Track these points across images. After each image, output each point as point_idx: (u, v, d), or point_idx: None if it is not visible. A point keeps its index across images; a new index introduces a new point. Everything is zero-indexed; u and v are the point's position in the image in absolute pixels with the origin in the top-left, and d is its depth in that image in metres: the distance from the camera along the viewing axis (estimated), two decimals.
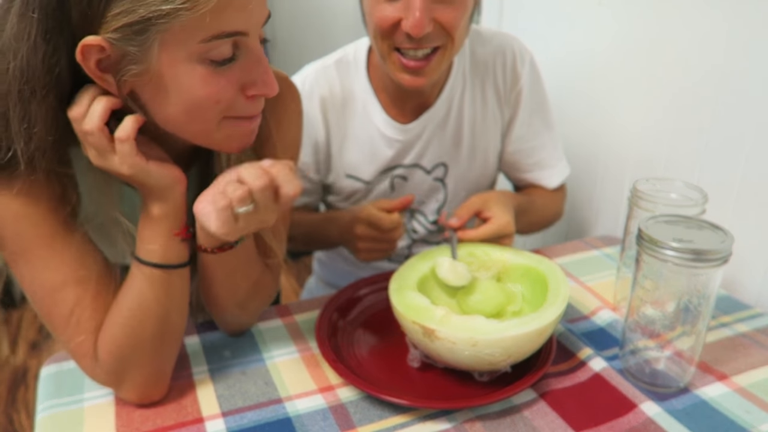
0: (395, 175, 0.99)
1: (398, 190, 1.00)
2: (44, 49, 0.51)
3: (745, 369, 0.73)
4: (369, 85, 0.95)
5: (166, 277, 0.62)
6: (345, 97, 0.95)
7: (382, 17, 0.78)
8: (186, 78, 0.53)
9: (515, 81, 0.98)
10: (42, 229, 0.59)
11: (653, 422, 0.64)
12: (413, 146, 0.97)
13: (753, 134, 0.90)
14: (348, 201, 1.02)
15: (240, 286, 0.71)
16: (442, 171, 1.01)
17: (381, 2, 0.78)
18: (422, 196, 1.02)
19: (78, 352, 0.62)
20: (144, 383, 0.64)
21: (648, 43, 1.07)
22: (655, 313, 0.68)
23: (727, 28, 0.92)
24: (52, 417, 0.65)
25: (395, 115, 0.95)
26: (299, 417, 0.65)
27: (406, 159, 0.98)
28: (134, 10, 0.49)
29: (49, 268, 0.60)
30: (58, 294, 0.60)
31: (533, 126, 1.01)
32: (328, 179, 1.01)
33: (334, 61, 0.96)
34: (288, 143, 0.75)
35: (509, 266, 0.80)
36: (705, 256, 0.61)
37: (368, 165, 0.98)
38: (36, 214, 0.59)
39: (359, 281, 0.88)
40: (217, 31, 0.51)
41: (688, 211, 0.73)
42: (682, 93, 1.01)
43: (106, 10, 0.50)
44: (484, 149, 1.01)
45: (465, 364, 0.66)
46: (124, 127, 0.55)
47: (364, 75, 0.95)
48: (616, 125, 1.18)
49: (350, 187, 0.99)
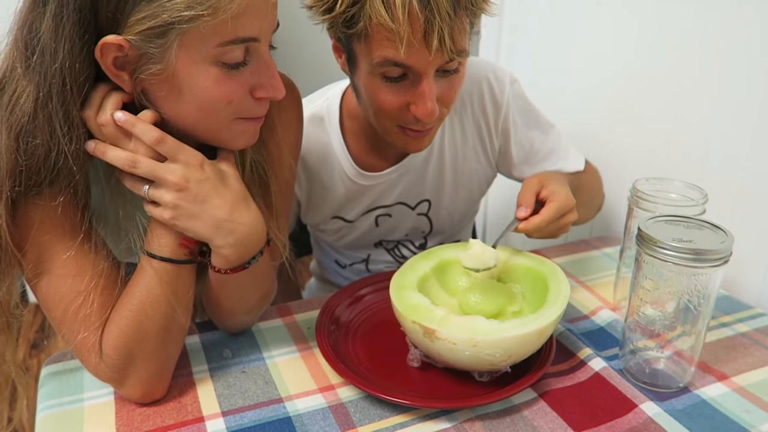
0: (379, 214, 0.99)
1: (382, 225, 1.00)
2: (81, 49, 0.53)
3: (745, 369, 0.73)
4: (342, 140, 0.92)
5: (175, 272, 0.63)
6: (321, 153, 0.93)
7: (388, 101, 0.76)
8: (200, 78, 0.56)
9: (498, 112, 0.95)
10: (64, 238, 0.61)
11: (653, 422, 0.64)
12: (395, 188, 0.96)
13: (753, 134, 0.90)
14: (335, 235, 1.02)
15: (251, 298, 0.72)
16: (426, 206, 1.00)
17: (384, 86, 0.75)
18: (407, 229, 1.02)
19: (82, 348, 0.63)
20: (147, 380, 0.64)
21: (647, 42, 1.07)
22: (655, 313, 0.68)
23: (727, 27, 0.92)
24: (52, 417, 0.65)
25: (373, 164, 0.94)
26: (299, 416, 0.65)
27: (388, 200, 0.97)
28: (158, 15, 0.52)
29: (65, 275, 0.61)
30: (68, 294, 0.61)
31: (531, 138, 0.99)
32: (311, 223, 1.01)
33: (308, 116, 0.92)
34: (289, 139, 0.77)
35: (509, 266, 0.80)
36: (705, 256, 0.61)
37: (351, 208, 0.97)
38: (61, 223, 0.61)
39: (359, 281, 0.88)
40: (233, 36, 0.55)
41: (688, 211, 0.73)
42: (682, 93, 1.01)
43: (131, 13, 0.52)
44: (468, 182, 1.00)
45: (465, 364, 0.66)
46: (143, 112, 0.58)
47: (338, 130, 0.92)
48: (615, 125, 1.18)
49: (336, 226, 1.00)
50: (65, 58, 0.53)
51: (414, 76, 0.73)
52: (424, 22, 0.67)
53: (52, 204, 0.59)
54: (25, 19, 0.54)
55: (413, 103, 0.75)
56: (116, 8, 0.52)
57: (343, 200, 0.96)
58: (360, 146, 0.93)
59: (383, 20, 0.67)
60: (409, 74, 0.73)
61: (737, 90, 0.92)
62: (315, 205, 0.97)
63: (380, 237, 1.03)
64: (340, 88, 0.94)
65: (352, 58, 0.77)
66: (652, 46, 1.06)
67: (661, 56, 1.05)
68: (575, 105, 1.27)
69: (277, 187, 0.72)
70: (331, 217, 0.99)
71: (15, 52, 0.55)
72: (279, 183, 0.74)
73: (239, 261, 0.64)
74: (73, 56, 0.53)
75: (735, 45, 0.91)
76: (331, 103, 0.93)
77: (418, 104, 0.75)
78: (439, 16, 0.67)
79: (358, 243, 1.03)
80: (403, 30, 0.67)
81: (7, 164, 0.56)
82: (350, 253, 1.07)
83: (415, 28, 0.68)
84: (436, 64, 0.72)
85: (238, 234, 0.62)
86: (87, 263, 0.62)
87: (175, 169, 0.59)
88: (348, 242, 1.03)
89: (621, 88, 1.15)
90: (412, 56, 0.70)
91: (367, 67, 0.74)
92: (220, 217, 0.60)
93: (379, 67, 0.73)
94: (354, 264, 1.07)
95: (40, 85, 0.54)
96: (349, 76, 0.83)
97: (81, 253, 0.61)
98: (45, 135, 0.55)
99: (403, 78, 0.74)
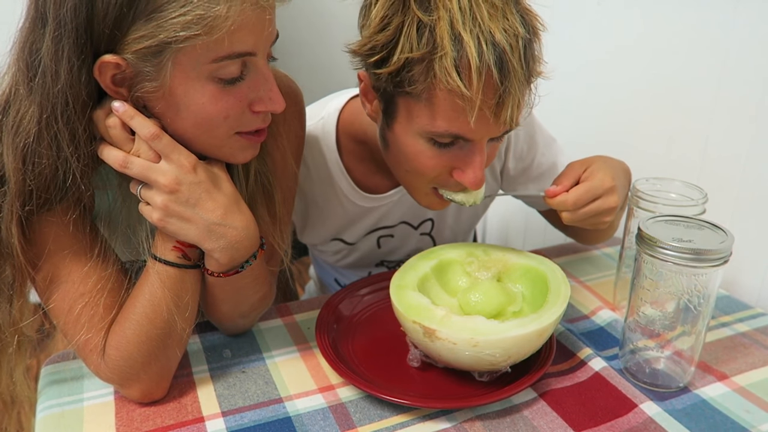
0: (381, 235, 0.96)
1: (385, 246, 0.97)
2: (80, 68, 0.53)
3: (745, 369, 0.73)
4: (339, 162, 0.86)
5: (177, 277, 0.63)
6: (317, 176, 0.88)
7: (433, 166, 0.69)
8: (196, 95, 0.56)
9: None
10: (77, 251, 0.62)
11: (653, 422, 0.64)
12: (397, 208, 0.92)
13: (753, 134, 0.90)
14: (335, 256, 0.99)
15: (247, 302, 0.72)
16: (429, 225, 0.97)
17: (430, 149, 0.68)
18: (410, 249, 1.00)
19: (86, 348, 0.63)
20: (148, 381, 0.65)
21: (647, 42, 1.07)
22: (655, 313, 0.68)
23: (727, 27, 0.92)
24: (52, 417, 0.65)
25: (376, 186, 0.89)
26: (299, 416, 0.65)
27: (390, 220, 0.94)
28: (155, 35, 0.51)
29: (74, 282, 0.62)
30: (75, 298, 0.62)
31: (532, 150, 0.94)
32: (309, 243, 0.99)
33: None
34: (292, 141, 0.77)
35: (509, 266, 0.80)
36: (705, 256, 0.61)
37: (351, 230, 0.93)
38: (74, 237, 0.61)
39: (359, 281, 0.88)
40: (228, 51, 0.54)
41: (688, 211, 0.73)
42: (683, 93, 1.01)
43: (128, 32, 0.52)
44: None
45: (465, 364, 0.66)
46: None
47: (334, 152, 0.86)
48: (615, 125, 1.18)
49: (336, 248, 0.97)
50: (67, 79, 0.53)
51: (465, 143, 0.67)
52: (502, 92, 0.61)
53: (64, 220, 0.59)
54: (26, 39, 0.54)
55: (459, 170, 0.69)
56: (113, 26, 0.52)
57: (343, 222, 0.93)
58: (360, 168, 0.88)
59: (454, 86, 0.60)
60: (461, 140, 0.67)
61: (737, 90, 0.92)
62: (312, 225, 0.94)
63: (382, 257, 1.01)
64: (335, 107, 0.86)
65: (390, 112, 0.69)
66: (653, 46, 1.06)
67: (661, 56, 1.05)
68: (575, 105, 1.27)
69: (281, 197, 0.72)
70: (331, 239, 0.96)
71: (17, 72, 0.55)
72: (283, 192, 0.74)
73: (231, 264, 0.64)
74: (73, 76, 0.53)
75: (735, 45, 0.91)
76: (327, 122, 0.86)
77: (466, 172, 0.68)
78: (514, 86, 0.61)
79: (359, 263, 1.01)
80: (476, 99, 0.60)
81: (15, 185, 0.56)
82: (350, 273, 1.05)
83: (488, 97, 0.61)
84: (492, 133, 0.66)
85: (230, 238, 0.61)
86: (95, 267, 0.62)
87: (167, 171, 0.58)
88: (348, 263, 1.01)
89: (621, 88, 1.15)
90: (479, 129, 0.64)
91: (415, 128, 0.67)
92: (213, 220, 0.60)
93: (431, 134, 0.66)
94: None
95: (43, 106, 0.54)
96: (377, 123, 0.74)
97: (90, 259, 0.62)
98: (52, 155, 0.55)
99: (453, 144, 0.67)
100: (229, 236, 0.61)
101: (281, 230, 0.72)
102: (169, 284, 0.62)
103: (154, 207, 0.59)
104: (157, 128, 0.57)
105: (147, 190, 0.60)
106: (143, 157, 0.58)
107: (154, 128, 0.57)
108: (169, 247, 0.62)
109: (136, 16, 0.51)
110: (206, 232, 0.60)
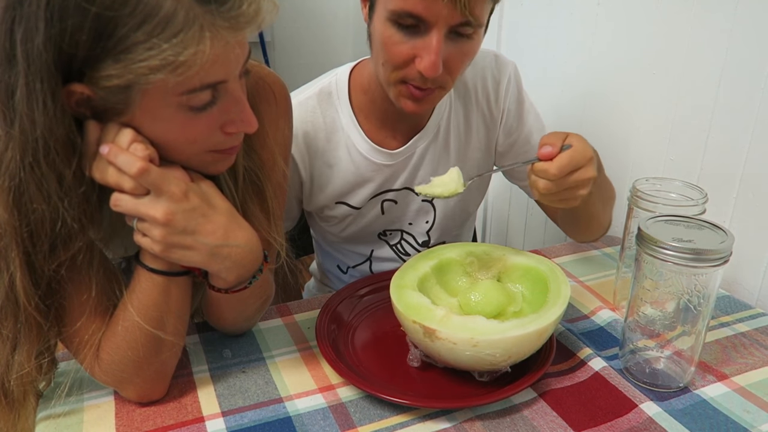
0: (385, 199, 0.98)
1: (388, 213, 1.00)
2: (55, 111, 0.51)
3: (745, 369, 0.73)
4: (352, 114, 0.93)
5: (166, 283, 0.62)
6: (328, 129, 0.93)
7: (398, 53, 0.76)
8: (165, 123, 0.55)
9: (498, 98, 0.97)
10: (83, 286, 0.61)
11: (653, 422, 0.64)
12: (403, 171, 0.96)
13: (753, 134, 0.90)
14: (341, 224, 1.01)
15: (251, 308, 0.72)
16: None
17: (397, 36, 0.75)
18: (411, 217, 1.02)
19: (81, 351, 0.63)
20: (142, 384, 0.65)
21: (647, 42, 1.07)
22: (655, 313, 0.68)
23: (728, 27, 0.92)
24: (52, 417, 0.65)
25: (383, 141, 0.94)
26: (299, 416, 0.65)
27: (395, 184, 0.97)
28: (124, 75, 0.50)
29: (72, 296, 0.61)
30: (72, 309, 0.61)
31: (520, 127, 1.00)
32: (315, 208, 1.00)
33: (315, 92, 0.93)
34: (279, 140, 0.76)
35: (509, 266, 0.80)
36: (705, 256, 0.61)
37: (357, 192, 0.96)
38: (84, 278, 0.60)
39: (359, 281, 0.88)
40: (199, 84, 0.52)
41: (688, 211, 0.73)
42: (682, 92, 1.01)
43: (97, 70, 0.50)
44: (472, 170, 1.00)
45: (465, 364, 0.66)
46: (123, 131, 0.56)
47: (347, 104, 0.93)
48: (615, 125, 1.18)
49: (342, 213, 0.98)
50: (45, 124, 0.50)
51: (425, 28, 0.73)
52: None
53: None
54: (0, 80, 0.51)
55: (419, 56, 0.75)
56: (83, 64, 0.50)
57: (351, 180, 0.95)
58: (370, 122, 0.93)
59: None
60: (421, 26, 0.73)
61: (737, 90, 0.92)
62: (319, 187, 0.96)
63: (385, 226, 1.02)
64: (348, 66, 0.94)
65: (372, 4, 0.79)
66: (652, 45, 1.06)
67: (661, 56, 1.05)
68: (575, 105, 1.27)
69: (272, 192, 0.72)
70: (336, 202, 0.97)
71: None
72: (273, 187, 0.73)
73: (238, 281, 0.64)
74: (50, 120, 0.50)
75: (735, 45, 0.91)
76: (340, 78, 0.94)
77: (423, 57, 0.74)
78: None
79: (363, 233, 1.02)
80: None
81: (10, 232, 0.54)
82: (353, 251, 1.06)
83: None
84: (448, 19, 0.72)
85: (235, 257, 0.61)
86: (90, 277, 0.61)
87: (159, 204, 0.56)
88: (353, 232, 1.02)
89: (621, 87, 1.15)
90: (431, 7, 0.71)
91: (383, 12, 0.75)
92: (215, 243, 0.59)
93: (393, 14, 0.73)
94: (357, 266, 1.07)
95: (25, 151, 0.51)
96: (368, 26, 0.84)
97: (88, 279, 0.61)
98: (40, 201, 0.53)
99: (415, 29, 0.74)
100: (234, 255, 0.61)
101: (275, 224, 0.72)
102: (157, 291, 0.61)
103: (153, 240, 0.58)
104: (144, 162, 0.54)
105: (142, 222, 0.58)
106: (130, 191, 0.56)
107: (140, 163, 0.54)
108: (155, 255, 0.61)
109: (104, 54, 0.49)
110: (210, 255, 0.59)
